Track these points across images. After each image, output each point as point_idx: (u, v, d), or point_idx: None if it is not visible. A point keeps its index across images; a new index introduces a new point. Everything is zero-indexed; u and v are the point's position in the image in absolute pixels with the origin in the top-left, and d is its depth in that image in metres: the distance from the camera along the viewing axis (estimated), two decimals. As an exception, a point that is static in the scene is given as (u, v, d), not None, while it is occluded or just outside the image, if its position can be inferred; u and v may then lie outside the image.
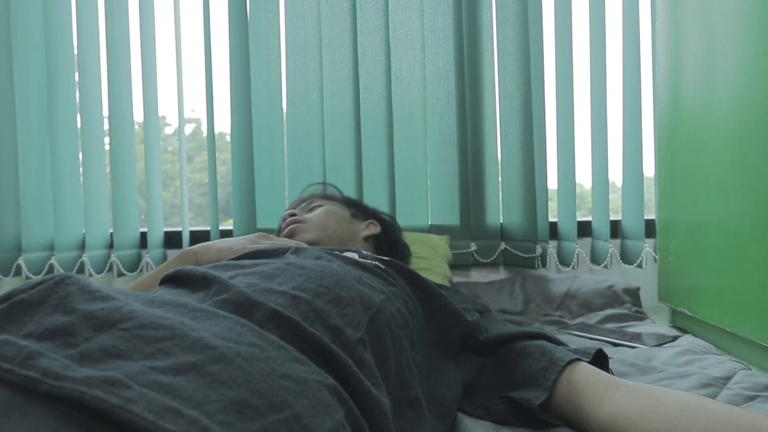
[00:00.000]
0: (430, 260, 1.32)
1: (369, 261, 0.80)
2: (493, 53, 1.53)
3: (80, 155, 1.59)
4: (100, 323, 0.41)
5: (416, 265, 1.28)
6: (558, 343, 0.79)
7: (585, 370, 0.68)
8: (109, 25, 1.54)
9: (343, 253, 0.83)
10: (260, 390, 0.39)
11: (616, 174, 1.60)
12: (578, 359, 0.70)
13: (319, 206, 1.13)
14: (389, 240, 1.18)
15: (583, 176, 1.66)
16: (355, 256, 0.82)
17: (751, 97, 0.98)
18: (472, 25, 1.54)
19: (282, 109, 1.57)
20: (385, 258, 0.88)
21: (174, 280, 0.64)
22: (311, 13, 1.54)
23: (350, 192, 1.54)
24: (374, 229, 1.17)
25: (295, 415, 0.39)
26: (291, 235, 1.04)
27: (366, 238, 1.14)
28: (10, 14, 1.53)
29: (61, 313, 0.42)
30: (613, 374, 0.75)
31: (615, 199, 1.61)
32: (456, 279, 1.54)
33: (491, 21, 1.53)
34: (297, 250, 0.82)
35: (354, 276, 0.69)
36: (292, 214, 1.10)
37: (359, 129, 1.55)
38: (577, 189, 1.56)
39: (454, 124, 1.54)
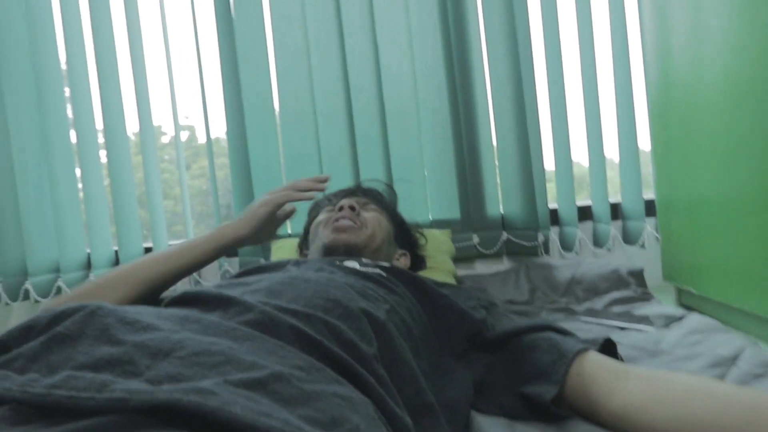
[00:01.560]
0: (434, 257, 1.32)
1: (371, 269, 0.80)
2: (480, 43, 1.53)
3: (77, 171, 1.59)
4: (155, 352, 0.43)
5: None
6: (565, 333, 0.79)
7: (594, 360, 0.69)
8: (96, 36, 1.54)
9: (343, 262, 0.83)
10: (320, 407, 0.41)
11: (612, 151, 1.61)
12: (586, 349, 0.70)
13: (375, 211, 1.08)
14: None
15: (580, 156, 1.67)
16: (356, 264, 0.83)
17: (740, 68, 0.98)
18: (458, 17, 1.53)
19: (275, 114, 1.57)
20: (385, 264, 0.88)
21: (182, 301, 0.64)
22: (296, 16, 1.54)
23: (349, 193, 1.54)
24: (404, 263, 1.14)
25: (354, 427, 0.40)
26: (342, 230, 0.98)
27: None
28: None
29: (107, 344, 0.43)
30: (622, 360, 0.76)
31: (613, 176, 1.61)
32: (460, 272, 1.55)
33: (476, 10, 1.53)
34: (297, 262, 0.82)
35: (358, 288, 0.69)
36: (352, 207, 1.02)
37: (353, 129, 1.55)
38: (575, 168, 1.56)
39: (447, 118, 1.54)
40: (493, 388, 0.74)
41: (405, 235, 1.19)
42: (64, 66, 1.57)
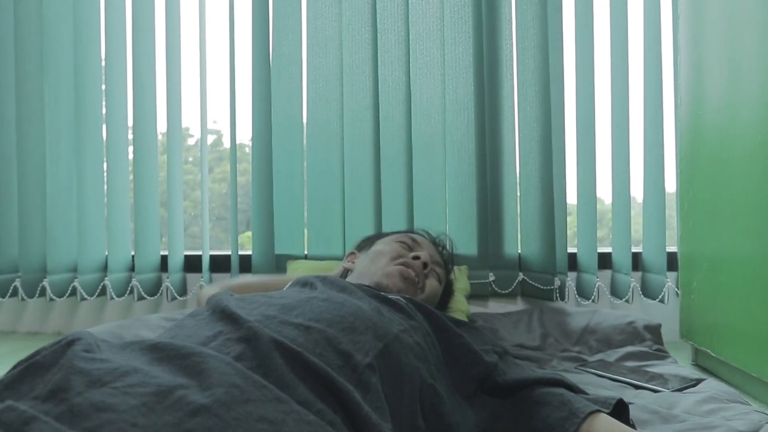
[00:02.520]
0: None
1: (393, 295, 0.82)
2: (513, 84, 1.54)
3: (105, 166, 1.62)
4: (94, 380, 0.45)
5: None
6: (577, 390, 0.78)
7: (605, 422, 0.67)
8: (136, 36, 1.59)
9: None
10: None
11: (636, 191, 1.59)
12: (598, 410, 0.69)
13: (435, 278, 1.06)
14: None
15: (603, 192, 1.65)
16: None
17: None
18: (492, 56, 1.54)
19: (302, 136, 1.59)
20: (406, 296, 0.88)
21: (212, 311, 0.69)
22: (333, 43, 1.57)
23: (368, 220, 1.55)
24: None
25: None
26: (406, 279, 0.98)
27: None
28: (42, 23, 1.58)
29: (64, 370, 0.46)
30: (632, 424, 0.74)
31: (635, 215, 1.59)
32: (473, 309, 1.53)
33: (511, 52, 1.54)
34: (325, 279, 0.84)
35: (373, 308, 0.71)
36: (425, 264, 1.01)
37: (378, 156, 1.56)
38: (597, 204, 1.55)
39: (473, 154, 1.55)
40: None
41: (444, 303, 1.18)
42: (103, 62, 1.62)
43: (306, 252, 1.60)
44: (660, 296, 1.48)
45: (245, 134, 1.69)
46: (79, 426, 0.40)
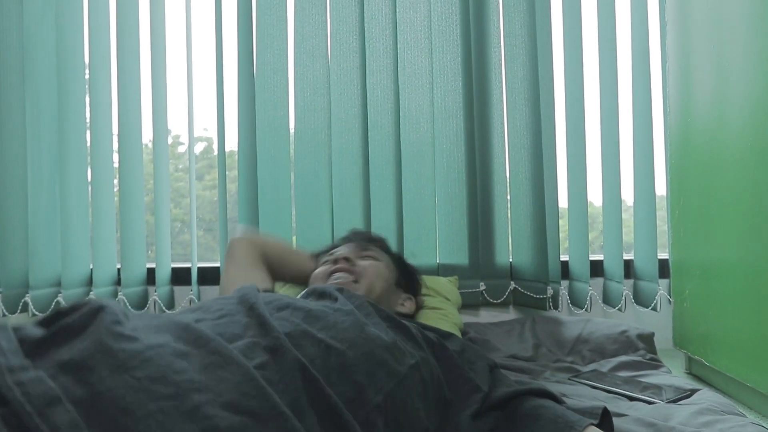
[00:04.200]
0: (443, 310, 1.30)
1: (405, 321, 0.81)
2: (502, 91, 1.53)
3: (89, 175, 1.59)
4: (118, 364, 0.45)
5: (428, 316, 1.25)
6: (559, 401, 0.78)
7: None
8: (121, 43, 1.56)
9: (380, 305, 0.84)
10: None
11: (626, 195, 1.58)
12: (590, 424, 0.69)
13: (372, 258, 1.06)
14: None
15: (595, 206, 1.64)
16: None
17: (766, 126, 0.95)
18: (480, 64, 1.54)
19: (289, 146, 1.57)
20: (414, 323, 0.87)
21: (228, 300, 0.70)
22: (320, 52, 1.55)
23: (358, 230, 1.53)
24: (409, 307, 1.12)
25: None
26: (349, 286, 0.97)
27: (397, 313, 1.09)
28: (23, 33, 1.55)
29: (92, 341, 0.47)
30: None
31: (626, 218, 1.58)
32: (465, 319, 1.51)
33: (500, 60, 1.53)
34: (342, 290, 0.83)
35: (390, 338, 0.70)
36: (347, 258, 1.02)
37: (367, 166, 1.54)
38: (588, 218, 1.54)
39: (462, 163, 1.53)
40: None
41: (409, 279, 1.16)
42: (86, 71, 1.60)
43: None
44: (652, 304, 1.48)
45: (235, 142, 1.66)
46: (95, 423, 0.41)
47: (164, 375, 0.46)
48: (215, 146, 1.82)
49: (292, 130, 1.57)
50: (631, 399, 1.03)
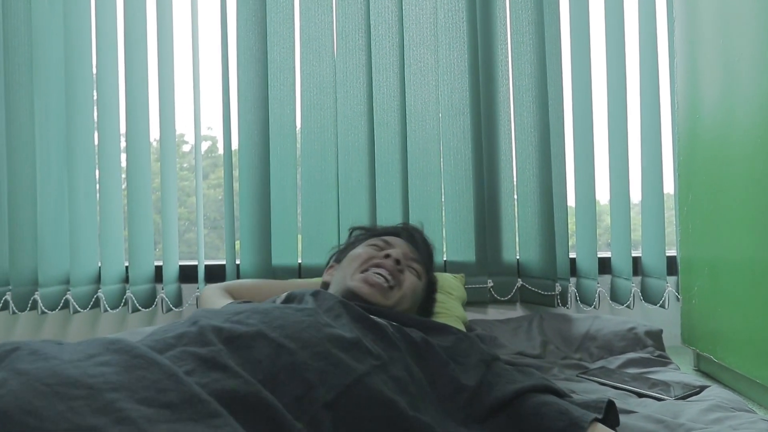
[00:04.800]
0: (444, 304, 1.29)
1: (381, 319, 0.79)
2: (509, 88, 1.53)
3: (97, 174, 1.60)
4: (31, 378, 0.45)
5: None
6: (563, 395, 0.77)
7: (603, 430, 0.67)
8: (128, 43, 1.57)
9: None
10: None
11: (635, 196, 1.58)
12: (595, 419, 0.68)
13: (416, 274, 1.04)
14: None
15: (602, 202, 1.64)
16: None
17: None
18: (487, 61, 1.53)
19: (296, 144, 1.57)
20: (393, 323, 0.85)
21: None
22: (327, 50, 1.55)
23: (365, 228, 1.53)
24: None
25: None
26: (372, 285, 0.95)
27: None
28: (32, 33, 1.56)
29: (6, 371, 0.47)
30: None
31: (634, 219, 1.58)
32: (472, 316, 1.51)
33: (507, 56, 1.53)
34: (316, 294, 0.82)
35: (352, 337, 0.69)
36: (399, 261, 0.98)
37: (374, 163, 1.54)
38: (596, 215, 1.53)
39: (469, 160, 1.53)
40: None
41: (428, 305, 1.14)
42: (94, 70, 1.60)
43: (300, 261, 1.58)
44: (661, 301, 1.47)
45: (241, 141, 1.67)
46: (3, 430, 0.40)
47: (78, 380, 0.46)
48: (219, 145, 1.83)
49: (298, 128, 1.58)
50: (640, 396, 1.02)
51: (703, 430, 0.82)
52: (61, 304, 1.57)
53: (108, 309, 1.56)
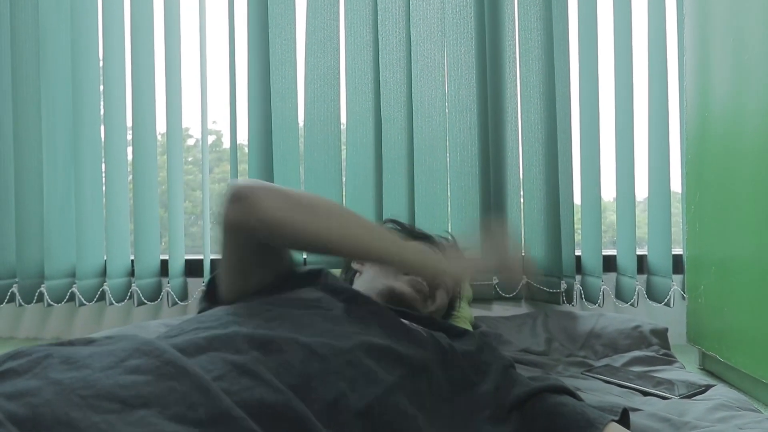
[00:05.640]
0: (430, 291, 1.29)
1: (414, 324, 0.79)
2: (516, 85, 1.52)
3: (103, 167, 1.61)
4: (64, 388, 0.45)
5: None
6: (578, 397, 0.77)
7: (616, 429, 0.67)
8: (135, 36, 1.57)
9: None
10: None
11: (641, 195, 1.57)
12: (611, 420, 0.68)
13: (443, 288, 1.03)
14: None
15: (608, 199, 1.63)
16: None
17: None
18: (494, 57, 1.53)
19: (298, 139, 1.57)
20: (425, 328, 0.84)
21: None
22: (332, 43, 1.55)
23: (370, 223, 1.53)
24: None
25: None
26: (417, 291, 0.94)
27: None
28: (39, 26, 1.57)
29: (38, 379, 0.47)
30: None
31: (639, 217, 1.57)
32: (477, 313, 1.51)
33: (514, 53, 1.52)
34: (357, 297, 0.77)
35: (384, 345, 0.67)
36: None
37: (380, 160, 1.54)
38: (601, 213, 1.53)
39: (476, 156, 1.53)
40: None
41: (446, 317, 1.14)
42: (101, 63, 1.61)
43: (305, 256, 1.58)
44: (666, 299, 1.47)
45: (245, 134, 1.66)
46: None
47: (110, 391, 0.46)
48: (224, 139, 1.83)
49: (302, 123, 1.57)
50: (645, 394, 1.02)
51: (708, 428, 0.82)
52: (67, 297, 1.58)
53: (113, 302, 1.57)
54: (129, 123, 1.61)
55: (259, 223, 0.70)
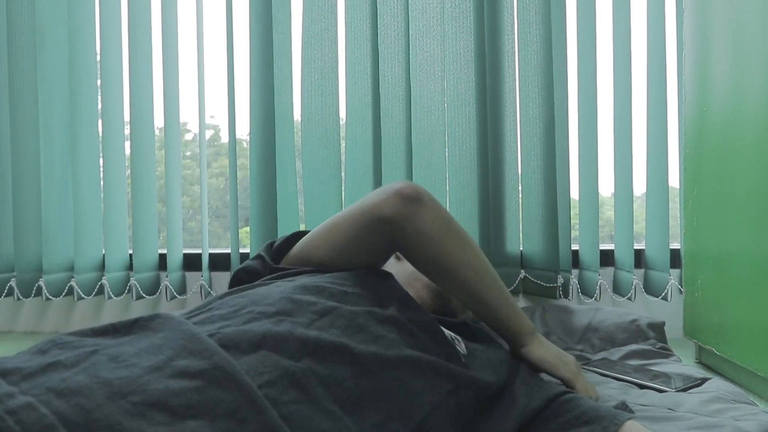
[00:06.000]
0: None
1: (450, 332, 0.78)
2: (515, 79, 1.52)
3: (101, 162, 1.60)
4: (115, 391, 0.44)
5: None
6: None
7: (635, 425, 0.69)
8: (132, 29, 1.57)
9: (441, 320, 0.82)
10: None
11: (639, 189, 1.58)
12: (630, 419, 0.69)
13: None
14: None
15: (606, 195, 1.63)
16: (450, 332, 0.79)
17: None
18: (493, 52, 1.53)
19: (294, 133, 1.57)
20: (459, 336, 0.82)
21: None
22: (329, 36, 1.54)
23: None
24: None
25: None
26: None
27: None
28: (35, 19, 1.56)
29: (86, 375, 0.45)
30: None
31: (637, 212, 1.58)
32: (475, 307, 1.51)
33: (513, 47, 1.52)
34: (408, 302, 0.74)
35: (431, 360, 0.65)
36: None
37: (379, 154, 1.54)
38: (599, 208, 1.53)
39: (474, 150, 1.53)
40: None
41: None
42: (98, 57, 1.60)
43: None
44: (663, 294, 1.47)
45: (242, 124, 1.66)
46: None
47: (161, 400, 0.45)
48: (221, 134, 1.83)
49: (300, 117, 1.57)
50: (642, 387, 1.03)
51: (704, 419, 0.83)
52: (65, 291, 1.58)
53: (112, 296, 1.57)
54: (126, 118, 1.61)
55: (414, 231, 0.73)
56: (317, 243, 0.80)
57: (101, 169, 1.60)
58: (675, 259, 1.51)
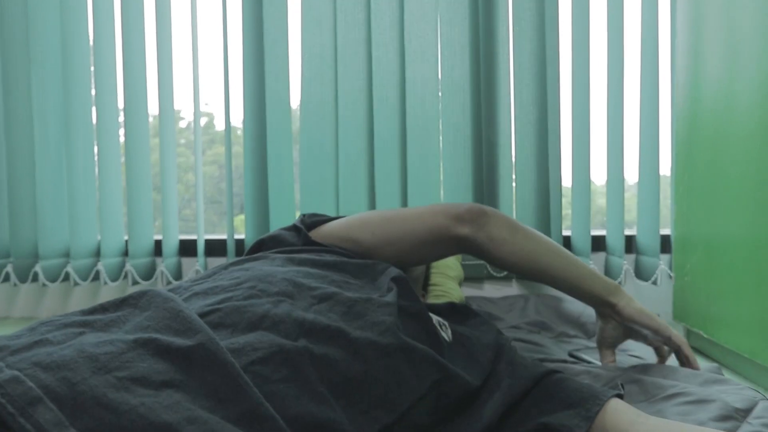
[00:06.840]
0: (443, 286, 1.31)
1: (439, 319, 0.79)
2: (509, 66, 1.53)
3: (95, 149, 1.61)
4: (100, 366, 0.45)
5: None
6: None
7: (619, 403, 0.69)
8: (125, 16, 1.56)
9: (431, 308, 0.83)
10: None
11: (630, 174, 1.59)
12: (615, 395, 0.69)
13: None
14: None
15: (598, 183, 1.65)
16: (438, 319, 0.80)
17: None
18: (488, 38, 1.53)
19: (290, 119, 1.57)
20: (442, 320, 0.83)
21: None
22: (327, 22, 1.55)
23: (362, 204, 1.55)
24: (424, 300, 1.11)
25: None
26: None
27: None
28: (28, 6, 1.55)
29: (72, 350, 0.46)
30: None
31: (629, 196, 1.60)
32: (468, 292, 1.54)
33: (507, 33, 1.53)
34: (397, 281, 0.74)
35: (422, 350, 0.65)
36: None
37: (372, 139, 1.55)
38: (591, 195, 1.55)
39: (468, 137, 1.54)
40: (514, 415, 0.71)
41: (425, 284, 1.16)
42: (91, 44, 1.60)
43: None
44: (653, 278, 1.50)
45: (237, 112, 1.66)
46: (79, 420, 0.40)
47: (144, 376, 0.45)
48: (216, 121, 1.83)
49: (297, 103, 1.58)
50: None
51: (690, 389, 0.85)
52: (61, 277, 1.59)
53: (108, 281, 1.58)
54: (120, 105, 1.61)
55: (488, 238, 0.81)
56: (371, 229, 0.83)
57: (96, 156, 1.60)
58: (665, 244, 1.53)
